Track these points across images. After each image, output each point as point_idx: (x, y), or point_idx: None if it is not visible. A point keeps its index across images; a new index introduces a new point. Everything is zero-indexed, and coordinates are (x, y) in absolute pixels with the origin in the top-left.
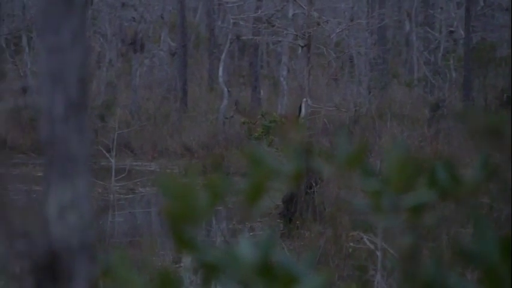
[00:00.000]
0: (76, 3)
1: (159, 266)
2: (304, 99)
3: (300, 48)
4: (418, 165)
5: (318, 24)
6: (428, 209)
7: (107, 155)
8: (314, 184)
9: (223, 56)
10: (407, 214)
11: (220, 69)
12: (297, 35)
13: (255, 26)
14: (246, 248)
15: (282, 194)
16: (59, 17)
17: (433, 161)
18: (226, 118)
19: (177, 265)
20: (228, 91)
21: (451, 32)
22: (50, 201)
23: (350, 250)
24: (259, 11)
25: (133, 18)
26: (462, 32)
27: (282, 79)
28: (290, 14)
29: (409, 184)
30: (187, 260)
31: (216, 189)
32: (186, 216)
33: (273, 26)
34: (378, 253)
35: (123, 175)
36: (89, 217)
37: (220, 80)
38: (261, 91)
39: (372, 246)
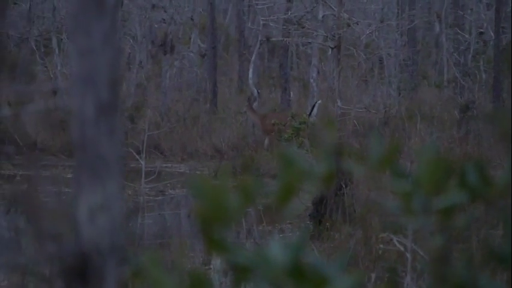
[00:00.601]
0: (107, 5)
1: (189, 268)
2: (319, 101)
3: (330, 50)
4: (449, 166)
5: (348, 25)
6: (458, 211)
7: (137, 156)
8: (344, 186)
9: (253, 58)
10: (437, 216)
11: (250, 70)
12: (326, 37)
13: (284, 27)
14: (276, 250)
15: (312, 195)
16: (90, 19)
17: (463, 162)
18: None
19: (206, 267)
20: (258, 93)
21: (481, 33)
22: (81, 203)
23: (380, 252)
24: (289, 12)
25: (163, 19)
26: (492, 34)
27: (311, 81)
28: (320, 16)
29: (440, 186)
30: (217, 262)
31: (247, 190)
32: (217, 217)
33: (303, 27)
34: (408, 255)
35: (152, 177)
36: (119, 219)
37: (250, 81)
38: (291, 93)
39: (402, 248)
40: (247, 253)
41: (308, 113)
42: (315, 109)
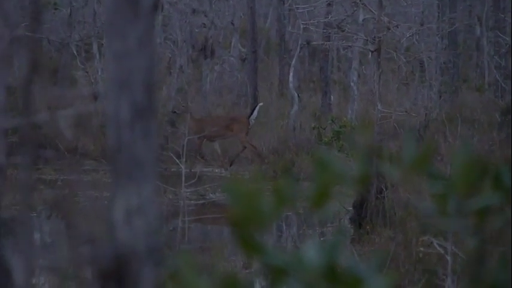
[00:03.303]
0: (143, 10)
1: (227, 271)
2: (260, 104)
3: (369, 53)
4: (483, 168)
5: (388, 28)
6: (494, 212)
7: (177, 161)
8: (384, 189)
9: (293, 62)
10: (472, 217)
11: (291, 74)
12: (367, 40)
13: (325, 31)
14: (312, 252)
15: (353, 199)
16: (126, 23)
17: (498, 164)
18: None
19: (247, 270)
20: (299, 96)
21: None
22: (117, 206)
23: (420, 255)
24: (329, 16)
25: (204, 24)
26: None
27: (352, 84)
28: (360, 19)
29: (474, 187)
30: (258, 265)
31: (282, 194)
32: (252, 220)
33: (343, 31)
34: (448, 258)
35: (193, 181)
36: (155, 222)
37: (291, 85)
38: (332, 96)
39: (442, 251)
40: (282, 255)
41: (248, 115)
42: (255, 112)
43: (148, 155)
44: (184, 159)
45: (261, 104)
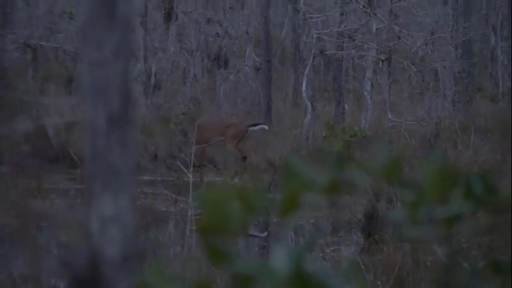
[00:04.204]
0: (118, 17)
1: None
2: (265, 126)
3: (380, 63)
4: (454, 176)
5: (399, 37)
6: (464, 220)
7: (185, 170)
8: (394, 198)
9: (306, 71)
10: (443, 225)
11: (304, 84)
12: (378, 49)
13: (338, 40)
14: (280, 260)
15: (364, 208)
16: (101, 31)
17: (469, 172)
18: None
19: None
20: (312, 106)
21: None
22: (92, 214)
23: (428, 264)
24: (343, 25)
25: (218, 33)
26: None
27: (365, 93)
28: (374, 29)
29: (445, 195)
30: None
31: (250, 202)
32: (220, 228)
33: (354, 40)
34: (461, 269)
35: (201, 190)
36: (132, 231)
37: (304, 94)
38: (345, 106)
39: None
40: (249, 263)
41: (248, 125)
42: (257, 127)
43: (125, 164)
44: (191, 168)
45: (266, 127)
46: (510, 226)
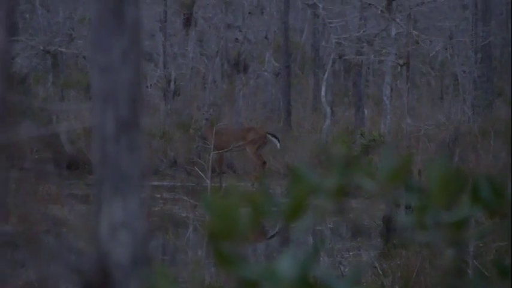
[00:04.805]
0: (127, 23)
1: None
2: (278, 145)
3: (398, 67)
4: (461, 180)
5: (417, 42)
6: (471, 224)
7: (202, 175)
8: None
9: (325, 76)
10: (451, 229)
11: (323, 89)
12: (396, 54)
13: (357, 45)
14: (286, 265)
15: (383, 213)
16: (110, 36)
17: (476, 176)
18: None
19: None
20: (332, 111)
21: None
22: (101, 220)
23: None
24: (362, 30)
25: (237, 39)
26: None
27: (385, 98)
28: (393, 33)
29: (452, 199)
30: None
31: (258, 207)
32: (228, 233)
33: (371, 45)
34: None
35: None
36: (141, 235)
37: (323, 99)
38: (365, 110)
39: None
40: (256, 268)
41: (267, 132)
42: (274, 139)
43: (134, 169)
44: (209, 174)
45: (278, 145)
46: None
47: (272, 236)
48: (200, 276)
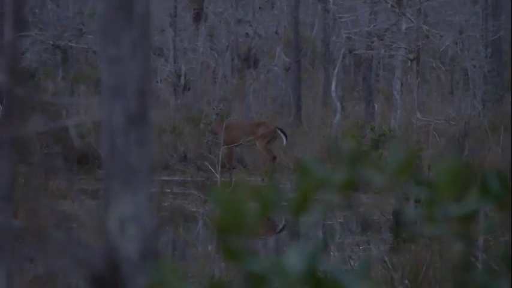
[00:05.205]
0: (136, 16)
1: (212, 278)
2: (284, 142)
3: (409, 62)
4: (470, 174)
5: (427, 37)
6: (481, 218)
7: (212, 170)
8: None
9: (335, 71)
10: (460, 223)
11: (333, 83)
12: (407, 49)
13: (367, 40)
14: (293, 259)
15: (393, 207)
16: (119, 28)
17: (486, 170)
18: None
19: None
20: (342, 106)
21: None
22: (111, 214)
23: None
24: (372, 25)
25: (247, 33)
26: None
27: (395, 93)
28: (403, 28)
29: (460, 193)
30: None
31: (264, 199)
32: (235, 227)
33: (382, 39)
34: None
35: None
36: (150, 229)
37: (333, 94)
38: (375, 105)
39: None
40: (263, 262)
41: (277, 126)
42: (282, 134)
43: (143, 162)
44: (219, 169)
45: (284, 141)
46: None
47: (281, 230)
48: (210, 271)
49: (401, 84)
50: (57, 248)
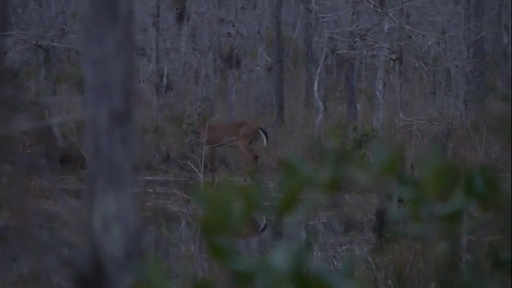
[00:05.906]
0: (120, 15)
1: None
2: (265, 143)
3: (391, 62)
4: (454, 172)
5: (410, 37)
6: (465, 217)
7: (195, 170)
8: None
9: (318, 71)
10: (443, 222)
11: (316, 83)
12: (390, 49)
13: (349, 40)
14: (279, 257)
15: (376, 207)
16: (103, 28)
17: (470, 169)
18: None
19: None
20: (324, 106)
21: None
22: (95, 213)
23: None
24: (355, 25)
25: (229, 33)
26: None
27: (377, 93)
28: (386, 28)
29: (445, 192)
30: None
31: (249, 198)
32: (219, 225)
33: (364, 39)
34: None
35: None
36: (134, 228)
37: (316, 94)
38: (357, 105)
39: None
40: (249, 261)
41: (259, 127)
42: (263, 135)
43: (127, 162)
44: (202, 169)
45: (265, 142)
46: (511, 223)
47: (263, 230)
48: (192, 271)
49: (384, 84)
50: (41, 247)
